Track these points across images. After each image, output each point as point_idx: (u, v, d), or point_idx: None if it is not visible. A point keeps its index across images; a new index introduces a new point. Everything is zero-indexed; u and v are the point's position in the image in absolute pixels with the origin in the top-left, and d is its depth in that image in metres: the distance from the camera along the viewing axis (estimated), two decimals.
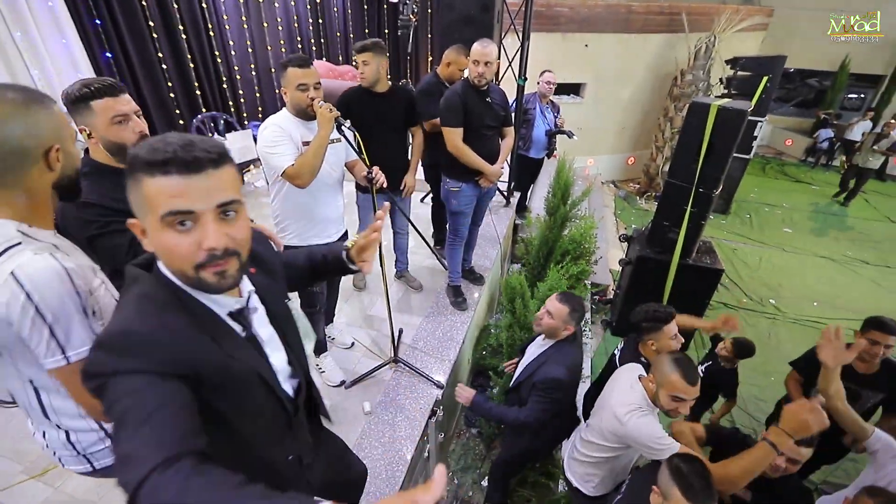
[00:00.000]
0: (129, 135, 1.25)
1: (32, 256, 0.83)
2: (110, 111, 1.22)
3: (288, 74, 1.77)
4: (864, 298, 5.47)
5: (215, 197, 0.70)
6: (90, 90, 1.20)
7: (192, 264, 0.72)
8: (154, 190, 0.68)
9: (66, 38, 3.32)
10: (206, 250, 0.71)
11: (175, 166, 0.67)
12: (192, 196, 0.69)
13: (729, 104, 3.43)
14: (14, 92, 0.86)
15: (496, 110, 2.63)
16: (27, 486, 2.00)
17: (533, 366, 2.08)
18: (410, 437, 2.16)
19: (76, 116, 1.23)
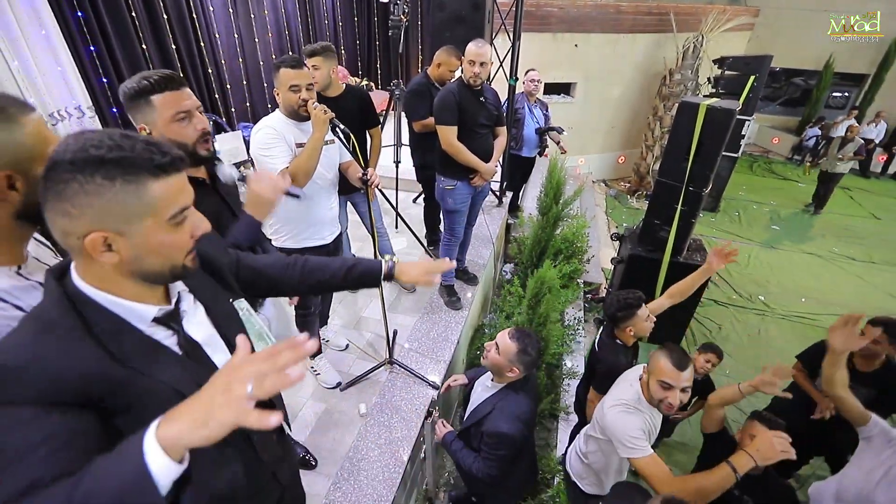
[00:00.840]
0: (192, 133, 1.17)
1: None
2: (173, 107, 1.13)
3: (280, 75, 1.75)
4: (850, 294, 5.57)
5: (190, 189, 0.75)
6: (150, 83, 1.11)
7: (185, 254, 0.75)
8: (164, 191, 0.68)
9: (46, 29, 3.23)
10: (195, 238, 0.76)
11: (175, 166, 0.69)
12: (187, 191, 0.73)
13: (717, 104, 3.47)
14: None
15: (490, 109, 2.65)
16: None
17: (480, 412, 1.87)
18: (407, 439, 2.16)
19: (135, 113, 1.15)
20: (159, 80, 1.12)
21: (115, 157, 0.64)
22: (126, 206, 0.66)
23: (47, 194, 0.64)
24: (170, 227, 0.71)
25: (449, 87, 2.54)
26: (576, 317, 4.25)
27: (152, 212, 0.68)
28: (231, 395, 0.57)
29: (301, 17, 5.93)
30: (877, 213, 7.86)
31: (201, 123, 1.19)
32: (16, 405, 0.61)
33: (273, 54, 5.63)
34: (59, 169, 0.63)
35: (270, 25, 5.47)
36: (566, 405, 3.44)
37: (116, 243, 0.67)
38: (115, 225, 0.66)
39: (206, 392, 0.59)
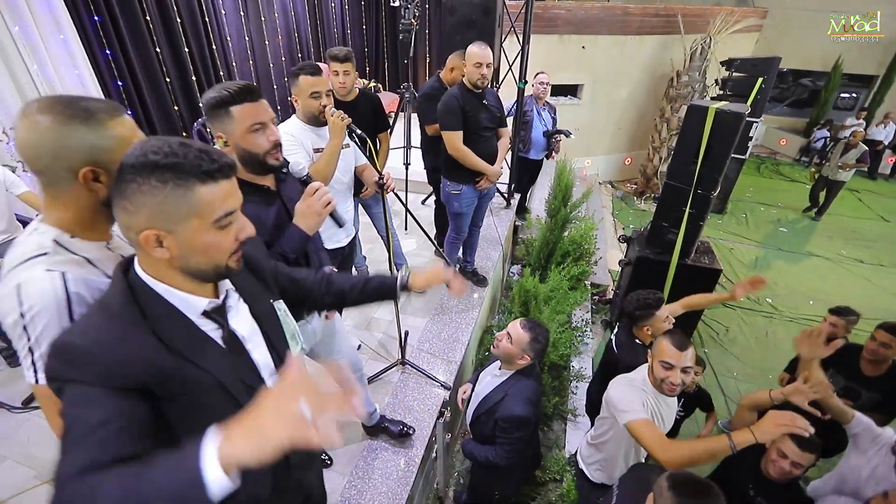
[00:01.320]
0: (265, 143, 1.22)
1: (41, 273, 0.82)
2: (250, 118, 1.18)
3: (300, 82, 1.79)
4: (858, 297, 5.54)
5: (239, 194, 0.81)
6: (230, 94, 1.16)
7: (228, 255, 0.81)
8: (211, 196, 0.74)
9: (64, 34, 3.30)
10: (239, 241, 0.82)
11: (224, 173, 0.75)
12: (236, 196, 0.80)
13: (727, 107, 3.48)
14: (65, 106, 0.82)
15: (493, 112, 2.69)
16: (41, 490, 2.02)
17: (491, 399, 1.96)
18: (420, 438, 2.20)
19: (214, 122, 1.21)
20: (239, 91, 1.17)
21: (169, 162, 0.71)
22: (175, 208, 0.72)
23: (115, 192, 0.73)
24: (215, 229, 0.77)
25: (452, 93, 2.57)
26: (583, 318, 4.28)
27: (198, 214, 0.74)
28: (286, 416, 0.60)
29: (311, 20, 5.99)
30: (885, 215, 7.81)
31: (274, 135, 1.24)
32: (84, 384, 0.68)
33: (283, 57, 5.69)
34: (124, 171, 0.71)
35: (280, 28, 5.54)
36: (574, 407, 3.46)
37: (167, 240, 0.73)
38: (166, 224, 0.73)
39: (264, 416, 0.61)
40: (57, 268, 0.84)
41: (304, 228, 1.30)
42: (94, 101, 0.85)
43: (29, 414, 2.35)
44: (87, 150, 0.83)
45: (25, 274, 0.83)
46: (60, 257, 0.87)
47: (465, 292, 1.25)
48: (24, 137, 0.82)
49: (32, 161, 0.84)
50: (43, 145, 0.81)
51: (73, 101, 0.83)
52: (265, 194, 1.33)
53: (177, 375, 0.76)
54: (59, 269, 0.84)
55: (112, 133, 0.85)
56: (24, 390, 2.42)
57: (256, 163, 1.24)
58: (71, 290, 0.84)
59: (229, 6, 4.78)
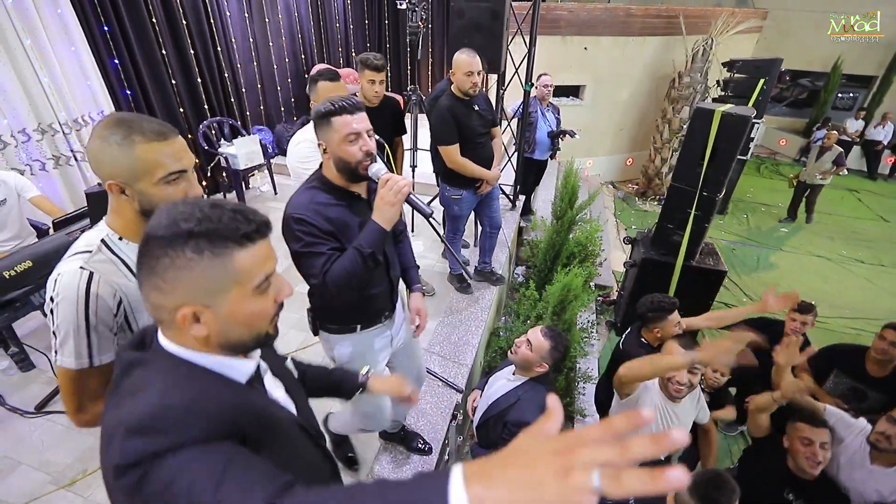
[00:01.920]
0: (357, 152, 1.29)
1: (75, 269, 0.92)
2: (346, 128, 1.26)
3: (319, 88, 1.80)
4: (859, 297, 5.60)
5: (275, 254, 0.74)
6: (333, 107, 1.25)
7: (269, 321, 0.74)
8: (251, 260, 0.67)
9: (75, 44, 3.31)
10: (279, 302, 0.75)
11: (261, 232, 0.69)
12: (272, 257, 0.73)
13: (733, 110, 3.51)
14: (114, 124, 0.90)
15: (484, 116, 2.72)
16: (57, 496, 2.02)
17: (503, 403, 1.93)
18: (434, 441, 2.21)
19: (319, 132, 1.30)
20: (341, 104, 1.26)
21: (204, 229, 0.64)
22: (214, 279, 0.65)
23: (142, 270, 0.66)
24: (255, 296, 0.70)
25: (441, 106, 2.57)
26: (589, 320, 4.30)
27: (239, 282, 0.67)
28: (570, 484, 0.41)
29: (314, 22, 5.98)
30: (885, 215, 7.87)
31: (366, 145, 1.30)
32: (189, 445, 0.59)
33: (286, 58, 5.69)
34: (152, 244, 0.64)
35: (284, 30, 5.53)
36: (581, 408, 3.48)
37: (204, 316, 0.66)
38: (204, 298, 0.66)
39: (532, 468, 0.43)
40: (90, 267, 0.93)
41: (379, 222, 1.30)
42: (146, 123, 0.90)
43: (43, 419, 2.34)
44: (111, 165, 0.91)
45: (67, 265, 0.94)
46: (100, 256, 0.96)
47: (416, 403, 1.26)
48: (87, 146, 0.95)
49: (92, 168, 0.95)
50: (91, 156, 0.93)
51: (122, 121, 0.90)
52: (355, 201, 1.39)
53: (264, 417, 0.72)
54: (91, 269, 0.93)
55: (135, 155, 0.90)
56: (37, 395, 2.42)
57: (349, 171, 1.31)
58: (92, 290, 0.93)
59: (234, 8, 4.77)
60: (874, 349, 2.44)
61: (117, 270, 0.97)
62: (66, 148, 3.37)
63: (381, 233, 1.31)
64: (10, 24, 2.92)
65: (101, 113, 3.57)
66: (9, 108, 3.02)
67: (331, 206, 1.31)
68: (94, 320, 0.93)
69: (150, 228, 0.65)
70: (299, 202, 1.30)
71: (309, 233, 1.27)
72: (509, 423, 1.87)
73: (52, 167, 3.32)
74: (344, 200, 1.36)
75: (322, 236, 1.29)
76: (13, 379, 2.57)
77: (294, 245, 1.29)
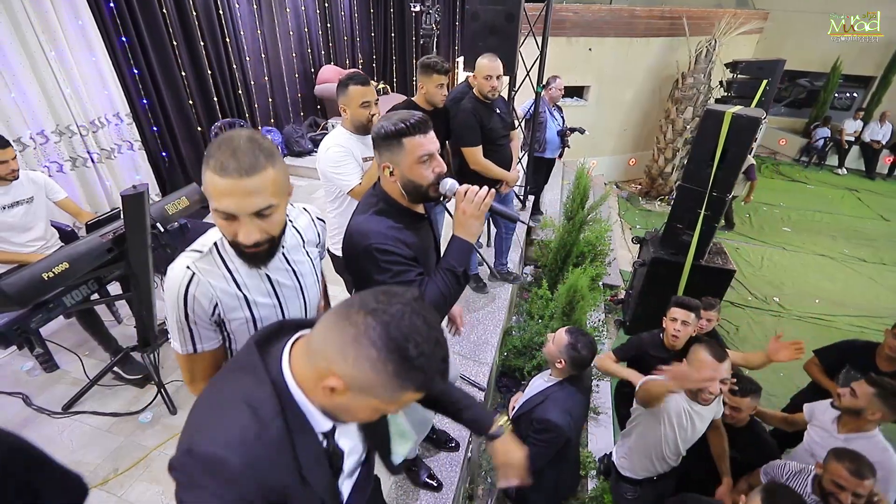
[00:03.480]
0: (429, 175, 1.22)
1: (183, 267, 0.98)
2: (419, 149, 1.18)
3: (350, 92, 1.83)
4: (862, 295, 5.66)
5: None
6: (406, 126, 1.17)
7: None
8: (408, 399, 0.72)
9: (96, 55, 3.34)
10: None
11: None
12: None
13: (743, 112, 3.56)
14: (215, 148, 0.88)
15: (504, 118, 2.77)
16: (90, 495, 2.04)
17: (534, 400, 2.00)
18: (460, 438, 2.24)
19: (383, 152, 1.22)
20: (416, 123, 1.18)
21: (418, 366, 0.65)
22: (379, 390, 0.67)
23: (350, 329, 0.65)
24: (378, 414, 0.75)
25: (466, 108, 2.60)
26: (599, 319, 4.34)
27: (385, 403, 0.70)
28: None
29: (321, 25, 6.01)
30: (885, 214, 7.94)
31: (439, 167, 1.24)
32: (218, 499, 0.65)
33: (294, 60, 5.71)
34: (378, 333, 0.64)
35: (292, 32, 5.55)
36: (595, 406, 3.53)
37: (341, 393, 0.68)
38: (357, 389, 0.67)
39: None
40: (195, 268, 0.98)
41: (465, 237, 1.25)
42: (239, 153, 0.86)
43: (70, 419, 2.37)
44: (205, 191, 0.93)
45: (179, 260, 1.00)
46: (208, 259, 1.01)
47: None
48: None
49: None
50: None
51: (223, 144, 0.87)
52: (420, 221, 1.35)
53: (297, 496, 0.74)
54: (195, 270, 0.98)
55: (207, 180, 0.89)
56: (63, 396, 2.44)
57: (419, 193, 1.25)
58: (191, 291, 0.97)
59: (244, 10, 4.79)
60: (888, 346, 2.48)
61: (220, 275, 1.00)
62: (83, 150, 3.39)
63: (469, 249, 1.26)
64: (32, 30, 2.94)
65: (116, 115, 3.59)
66: (28, 111, 3.05)
67: (404, 230, 1.24)
68: (193, 316, 1.00)
69: (392, 321, 0.65)
70: (377, 231, 1.20)
71: (396, 262, 1.19)
72: (535, 419, 1.92)
73: (70, 169, 3.34)
74: (413, 223, 1.30)
75: (408, 263, 1.22)
76: (38, 380, 2.59)
77: (381, 276, 1.19)
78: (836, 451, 1.78)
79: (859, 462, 1.69)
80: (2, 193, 2.33)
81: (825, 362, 2.72)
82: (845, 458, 1.71)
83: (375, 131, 1.22)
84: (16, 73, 2.92)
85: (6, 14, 2.81)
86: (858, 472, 1.66)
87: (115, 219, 2.14)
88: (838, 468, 1.70)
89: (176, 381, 2.55)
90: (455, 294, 1.25)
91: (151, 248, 2.12)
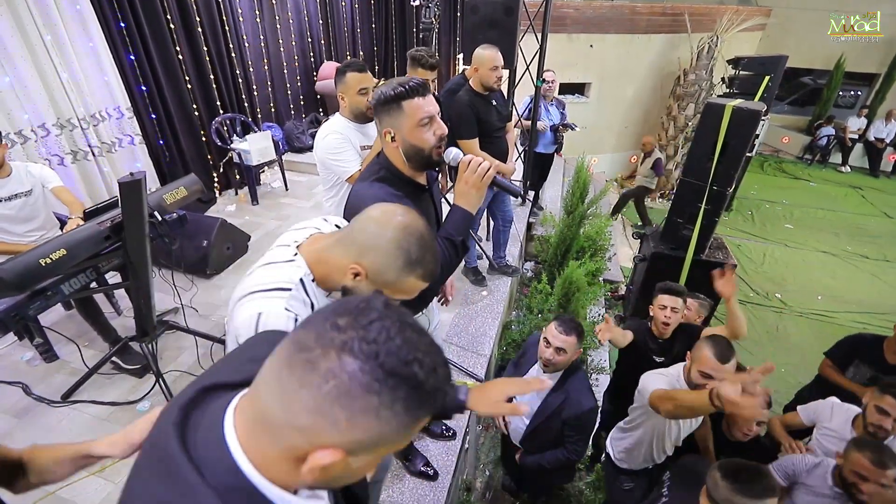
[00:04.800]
0: (431, 138, 1.20)
1: (281, 311, 0.86)
2: (419, 111, 1.17)
3: (348, 79, 1.83)
4: (865, 292, 5.64)
5: None
6: (405, 89, 1.16)
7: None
8: (417, 427, 0.53)
9: (93, 40, 3.34)
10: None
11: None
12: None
13: (744, 105, 3.54)
14: (431, 261, 0.90)
15: (501, 111, 2.76)
16: (88, 482, 2.05)
17: (551, 405, 1.93)
18: (457, 427, 2.24)
19: (383, 117, 1.20)
20: (415, 86, 1.17)
21: (431, 388, 0.49)
22: (388, 439, 0.50)
23: (326, 384, 0.46)
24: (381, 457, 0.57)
25: (463, 101, 2.59)
26: (599, 314, 4.33)
27: (395, 445, 0.53)
28: None
29: (322, 20, 6.01)
30: (888, 211, 7.91)
31: (440, 129, 1.22)
32: None
33: (295, 55, 5.72)
34: (368, 370, 0.46)
35: (293, 27, 5.56)
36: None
37: (337, 464, 0.49)
38: (359, 450, 0.50)
39: None
40: (294, 310, 0.87)
41: (466, 207, 1.23)
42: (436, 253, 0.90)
43: (69, 408, 2.38)
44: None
45: (268, 304, 0.86)
46: (299, 298, 0.90)
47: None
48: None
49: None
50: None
51: (427, 249, 0.90)
52: (421, 192, 1.34)
53: None
54: (295, 312, 0.87)
55: (410, 284, 0.91)
56: (62, 385, 2.45)
57: (422, 158, 1.23)
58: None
59: (245, 6, 4.80)
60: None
61: (307, 313, 0.91)
62: (83, 143, 3.40)
63: (469, 219, 1.24)
64: (31, 19, 2.95)
65: (117, 108, 3.60)
66: (29, 104, 3.06)
67: (404, 198, 1.21)
68: None
69: (378, 348, 0.47)
70: (376, 196, 1.15)
71: None
72: (569, 421, 1.90)
73: (71, 161, 3.35)
74: (413, 192, 1.29)
75: None
76: (38, 370, 2.61)
77: None
78: (856, 441, 1.76)
79: (881, 452, 1.66)
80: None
81: (837, 361, 2.71)
82: (867, 449, 1.68)
83: (375, 97, 1.20)
84: (15, 64, 2.92)
85: (6, 3, 2.82)
86: (881, 462, 1.63)
87: (113, 207, 2.14)
88: (859, 458, 1.67)
89: (174, 372, 2.56)
90: (453, 264, 1.24)
91: (150, 238, 2.13)
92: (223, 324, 2.90)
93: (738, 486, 1.38)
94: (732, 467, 1.45)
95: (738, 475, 1.41)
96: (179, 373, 2.57)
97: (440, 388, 0.50)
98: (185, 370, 2.59)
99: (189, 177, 2.45)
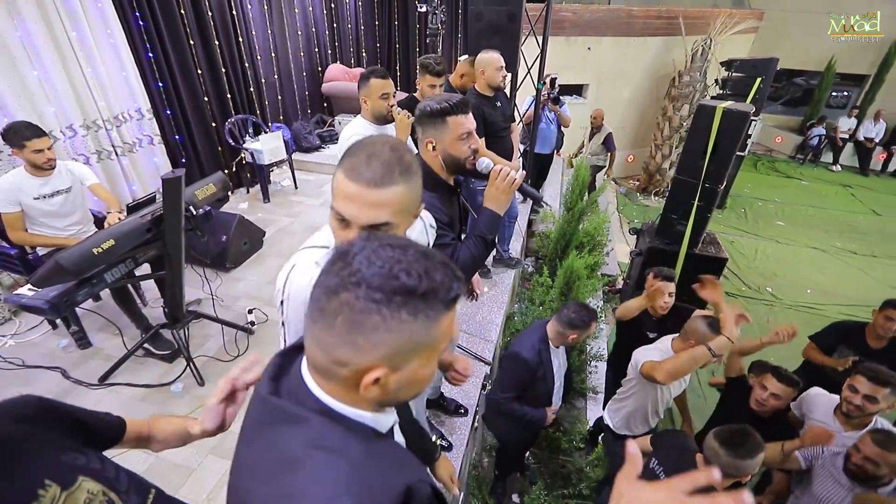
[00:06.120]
0: (466, 150, 1.38)
1: (310, 265, 0.90)
2: (460, 127, 1.34)
3: (371, 84, 2.01)
4: (852, 286, 5.85)
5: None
6: (450, 105, 1.32)
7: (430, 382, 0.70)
8: (449, 325, 0.60)
9: (114, 37, 3.47)
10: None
11: (460, 297, 0.62)
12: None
13: (733, 107, 3.74)
14: (359, 158, 0.88)
15: (505, 112, 2.94)
16: (130, 455, 2.21)
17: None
18: (469, 407, 2.43)
19: (427, 128, 1.37)
20: (458, 104, 1.34)
21: (426, 289, 0.54)
22: (417, 343, 0.56)
23: (336, 319, 0.54)
24: (435, 359, 0.63)
25: (470, 103, 2.77)
26: (597, 305, 4.53)
27: (432, 346, 0.59)
28: None
29: (328, 23, 6.19)
30: (877, 209, 8.14)
31: (475, 143, 1.40)
32: None
33: (302, 57, 5.89)
34: (359, 292, 0.53)
35: (300, 29, 5.74)
36: (593, 385, 3.72)
37: (386, 378, 0.57)
38: (398, 361, 0.57)
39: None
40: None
41: (496, 209, 1.39)
42: (374, 161, 0.85)
43: (106, 390, 2.55)
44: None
45: (302, 257, 0.94)
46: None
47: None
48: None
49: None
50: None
51: (363, 148, 0.89)
52: (452, 194, 1.51)
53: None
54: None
55: (336, 177, 0.89)
56: (97, 370, 2.62)
57: (457, 166, 1.41)
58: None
59: (255, 9, 4.97)
60: (879, 327, 2.60)
61: None
62: (107, 143, 3.57)
63: (498, 219, 1.40)
64: (58, 16, 3.08)
65: (138, 110, 3.77)
66: (58, 104, 3.22)
67: (438, 198, 1.40)
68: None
69: (362, 274, 0.53)
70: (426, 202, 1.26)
71: (437, 227, 1.32)
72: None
73: (96, 161, 3.52)
74: (446, 194, 1.46)
75: (445, 227, 1.36)
76: (73, 356, 2.77)
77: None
78: (872, 433, 1.87)
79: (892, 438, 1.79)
80: (41, 184, 2.50)
81: (821, 345, 2.90)
82: (879, 434, 1.83)
83: (421, 109, 1.37)
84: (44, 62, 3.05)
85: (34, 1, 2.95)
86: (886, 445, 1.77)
87: (150, 202, 2.32)
88: (869, 444, 1.80)
89: (203, 357, 2.73)
90: (482, 259, 1.41)
91: (184, 230, 2.31)
92: (244, 313, 3.09)
93: (736, 450, 1.60)
94: (727, 434, 1.65)
95: (732, 441, 1.62)
96: (207, 358, 2.74)
97: (438, 283, 0.55)
98: (213, 355, 2.77)
99: (217, 174, 2.63)
